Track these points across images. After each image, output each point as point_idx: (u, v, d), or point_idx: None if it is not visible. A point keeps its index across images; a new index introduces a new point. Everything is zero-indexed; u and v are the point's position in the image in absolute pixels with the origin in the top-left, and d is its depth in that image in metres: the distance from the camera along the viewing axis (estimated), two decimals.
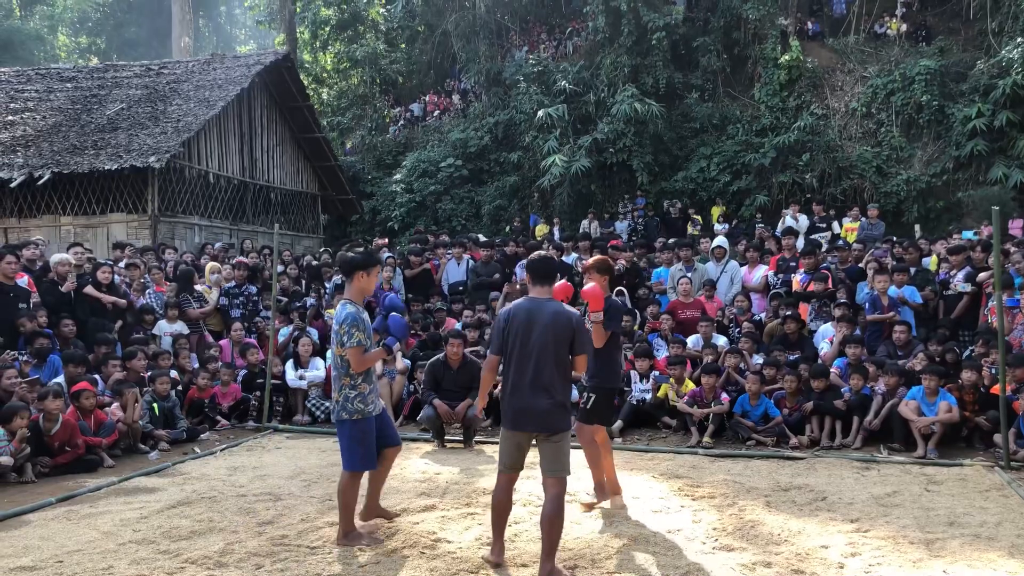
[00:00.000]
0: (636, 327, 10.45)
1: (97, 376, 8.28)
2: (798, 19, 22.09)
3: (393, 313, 5.60)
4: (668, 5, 21.75)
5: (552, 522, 4.36)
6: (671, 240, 13.81)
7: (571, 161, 20.12)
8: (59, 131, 16.21)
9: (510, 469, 4.62)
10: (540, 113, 21.07)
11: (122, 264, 10.85)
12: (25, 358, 8.10)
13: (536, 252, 4.87)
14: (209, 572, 4.54)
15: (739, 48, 22.04)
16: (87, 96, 17.73)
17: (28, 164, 14.96)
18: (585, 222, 19.23)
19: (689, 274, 10.87)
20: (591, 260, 6.02)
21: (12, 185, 14.65)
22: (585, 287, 5.66)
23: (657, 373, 9.13)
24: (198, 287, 10.90)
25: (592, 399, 5.86)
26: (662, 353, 9.63)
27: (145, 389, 8.40)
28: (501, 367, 4.70)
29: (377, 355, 5.20)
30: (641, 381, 9.15)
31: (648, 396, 9.00)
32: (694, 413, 8.38)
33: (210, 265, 11.44)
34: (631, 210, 19.98)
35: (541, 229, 19.87)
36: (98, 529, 5.42)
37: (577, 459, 5.31)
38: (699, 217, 18.51)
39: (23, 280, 8.82)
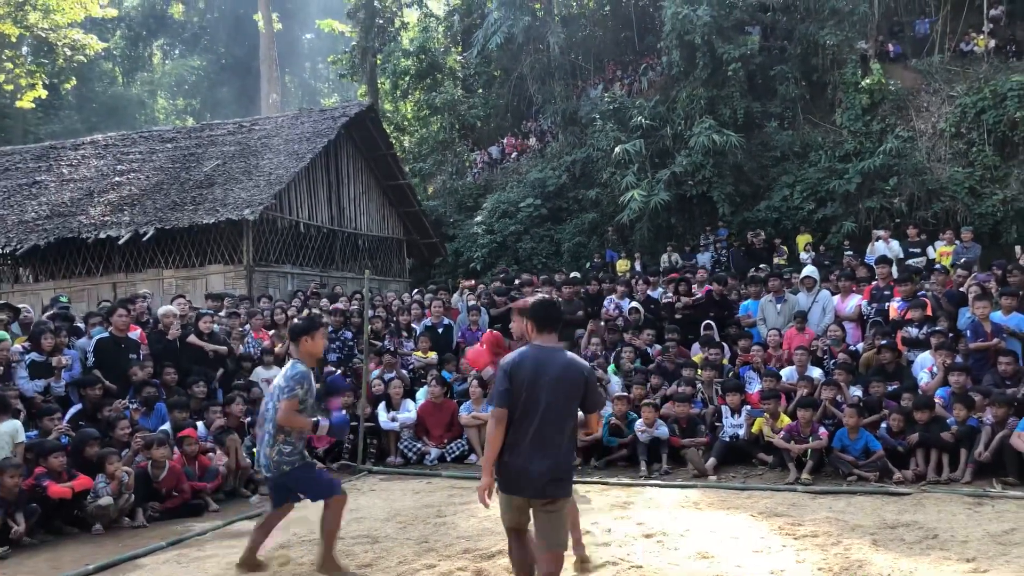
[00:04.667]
0: (726, 360, 10.29)
1: (200, 423, 8.64)
2: (879, 42, 21.64)
3: (336, 414, 5.56)
4: (743, 36, 21.63)
5: None
6: (761, 266, 13.60)
7: (650, 195, 20.07)
8: (161, 189, 17.13)
9: (515, 529, 4.29)
10: (617, 149, 21.14)
11: (222, 313, 11.33)
12: (135, 406, 8.54)
13: (538, 296, 4.54)
14: None
15: (818, 74, 21.69)
16: (185, 155, 18.70)
17: (134, 221, 15.85)
18: (665, 255, 19.10)
19: (779, 305, 10.67)
20: (520, 301, 5.49)
21: (120, 242, 15.57)
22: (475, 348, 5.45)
23: (750, 407, 8.95)
24: None
25: None
26: (754, 386, 9.43)
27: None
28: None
29: (304, 423, 5.18)
30: (733, 416, 8.98)
31: (741, 431, 8.82)
32: (791, 448, 8.16)
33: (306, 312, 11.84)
34: (713, 241, 19.76)
35: (622, 264, 19.82)
36: (206, 572, 5.63)
37: None
38: (785, 247, 18.16)
39: (135, 333, 9.33)
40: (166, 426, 8.22)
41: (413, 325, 11.99)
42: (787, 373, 9.49)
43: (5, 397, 7.21)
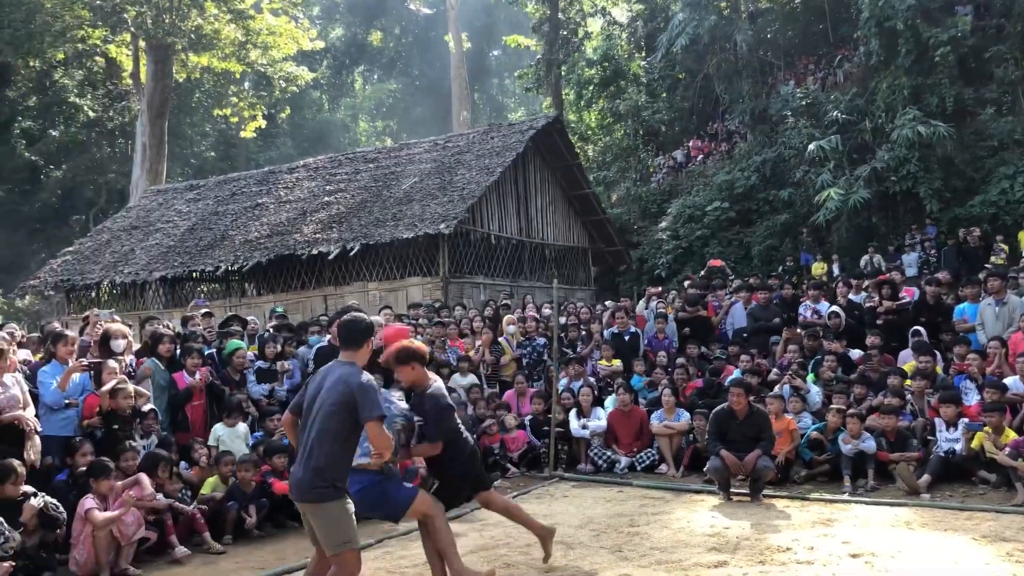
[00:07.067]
0: (939, 369, 9.55)
1: None
2: None
3: None
4: (952, 17, 19.95)
5: None
6: (988, 265, 12.46)
7: (848, 194, 19.00)
8: (365, 207, 18.41)
9: (314, 542, 4.52)
10: (811, 147, 20.20)
11: (422, 321, 12.02)
12: None
13: (347, 313, 4.74)
14: None
15: None
16: (386, 174, 19.96)
17: (341, 238, 17.15)
18: (866, 257, 17.96)
19: (999, 308, 9.75)
20: (388, 352, 5.33)
21: (330, 257, 16.91)
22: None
23: (967, 420, 8.25)
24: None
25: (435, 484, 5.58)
26: (971, 398, 8.68)
27: None
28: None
29: None
30: (948, 430, 8.32)
31: (958, 447, 8.15)
32: (1019, 467, 7.44)
33: (507, 318, 12.33)
34: (920, 240, 18.36)
35: (818, 267, 18.87)
36: (404, 572, 5.93)
37: None
38: (1005, 246, 16.51)
39: None
40: None
41: (605, 333, 12.12)
42: (1011, 383, 8.65)
43: (241, 402, 8.12)
